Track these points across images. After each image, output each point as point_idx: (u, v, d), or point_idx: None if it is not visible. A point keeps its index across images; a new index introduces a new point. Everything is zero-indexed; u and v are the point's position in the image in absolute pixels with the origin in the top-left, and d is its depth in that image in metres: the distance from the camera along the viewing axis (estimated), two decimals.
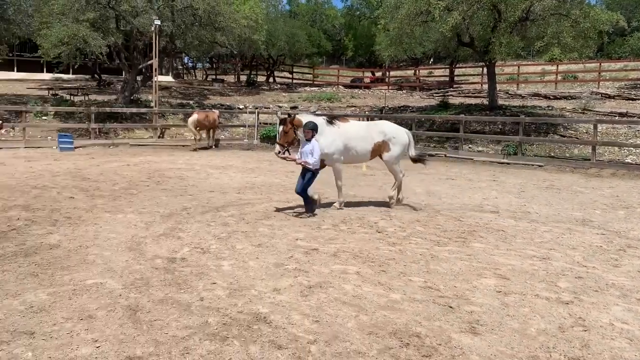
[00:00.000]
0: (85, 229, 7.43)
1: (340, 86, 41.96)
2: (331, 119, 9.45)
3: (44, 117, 22.59)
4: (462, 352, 3.90)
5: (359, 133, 9.57)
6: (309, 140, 8.66)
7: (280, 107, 30.37)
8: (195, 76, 52.08)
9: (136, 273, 5.53)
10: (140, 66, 26.20)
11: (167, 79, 41.92)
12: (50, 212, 8.39)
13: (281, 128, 8.80)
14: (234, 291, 5.06)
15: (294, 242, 6.99)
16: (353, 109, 31.29)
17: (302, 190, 8.80)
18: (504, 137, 21.20)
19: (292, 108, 30.61)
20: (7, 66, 36.25)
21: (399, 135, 9.97)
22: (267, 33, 33.74)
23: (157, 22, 22.33)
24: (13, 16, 23.77)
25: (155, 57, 23.35)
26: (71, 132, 20.68)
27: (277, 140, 8.94)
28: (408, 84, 41.31)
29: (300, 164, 8.75)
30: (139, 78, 27.17)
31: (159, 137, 23.08)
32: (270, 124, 25.09)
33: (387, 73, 43.69)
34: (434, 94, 34.24)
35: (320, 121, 9.10)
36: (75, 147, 19.23)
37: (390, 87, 40.54)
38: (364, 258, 6.34)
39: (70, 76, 37.57)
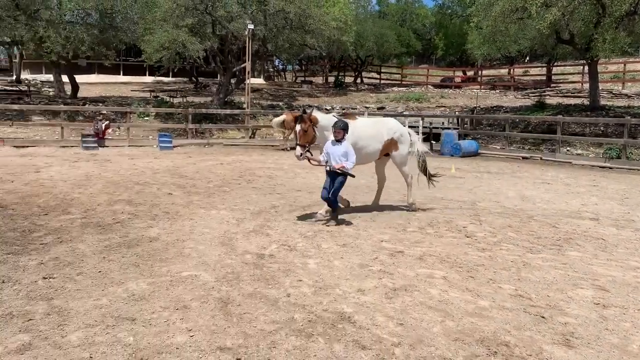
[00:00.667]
0: (182, 223, 7.87)
1: (430, 86, 41.23)
2: (342, 116, 8.79)
3: (146, 118, 24.14)
4: None
5: (367, 131, 8.83)
6: (339, 141, 7.92)
7: (367, 107, 30.37)
8: (285, 78, 53.33)
9: (228, 267, 5.78)
10: (234, 69, 27.24)
11: (259, 81, 43.27)
12: (150, 207, 8.96)
13: (299, 127, 7.87)
14: (319, 289, 5.14)
15: (378, 244, 6.98)
16: (442, 109, 30.64)
17: (333, 196, 7.97)
18: (606, 139, 19.87)
19: (379, 109, 30.51)
20: (115, 70, 39.15)
21: (405, 133, 9.49)
22: (355, 34, 33.86)
23: (251, 26, 23.10)
24: (121, 24, 25.59)
25: (248, 60, 24.19)
26: (170, 132, 21.93)
27: (297, 141, 7.92)
28: (501, 84, 39.79)
29: (339, 169, 7.84)
30: (232, 80, 28.28)
31: (250, 137, 23.89)
32: None
33: (479, 72, 42.34)
34: (530, 94, 32.70)
35: (331, 119, 8.38)
36: (174, 146, 20.37)
37: (482, 87, 39.28)
38: (452, 263, 6.20)
39: (170, 79, 39.87)
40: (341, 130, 7.88)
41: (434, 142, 22.76)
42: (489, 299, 5.00)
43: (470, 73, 44.96)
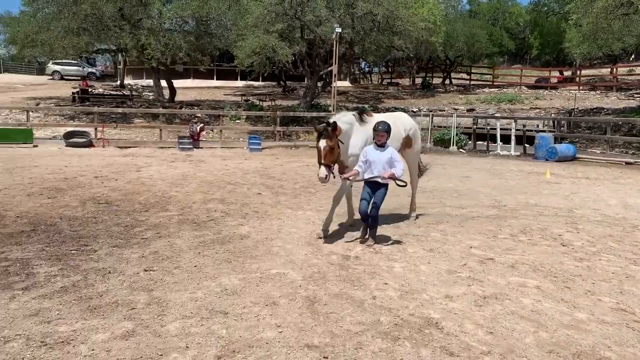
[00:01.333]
0: (270, 222, 8.10)
1: (523, 87, 39.55)
2: (360, 114, 7.31)
3: (237, 121, 25.08)
4: None
5: None
6: (382, 145, 6.77)
7: (455, 109, 29.65)
8: (371, 80, 53.25)
9: (314, 267, 5.88)
10: (321, 72, 27.60)
11: (345, 84, 43.55)
12: (241, 206, 9.30)
13: (324, 143, 6.41)
14: (405, 293, 5.10)
15: (467, 250, 6.80)
16: (537, 111, 29.24)
17: (375, 211, 6.76)
18: None
19: (468, 110, 29.68)
20: (209, 75, 40.99)
21: (417, 129, 8.72)
22: (445, 34, 33.18)
23: (338, 29, 23.30)
24: (215, 30, 26.79)
25: (335, 63, 24.41)
26: (259, 134, 22.62)
27: (321, 160, 6.44)
28: (602, 84, 37.33)
29: (389, 178, 6.61)
30: (319, 84, 28.67)
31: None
32: (445, 127, 24.58)
33: (578, 72, 39.98)
34: (635, 95, 30.45)
35: (351, 118, 7.15)
36: (262, 148, 20.99)
37: (581, 87, 37.05)
38: (546, 272, 5.92)
39: (260, 83, 41.17)
40: (384, 132, 6.70)
41: (527, 145, 21.77)
42: (586, 312, 4.72)
43: (567, 73, 42.56)
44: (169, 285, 5.14)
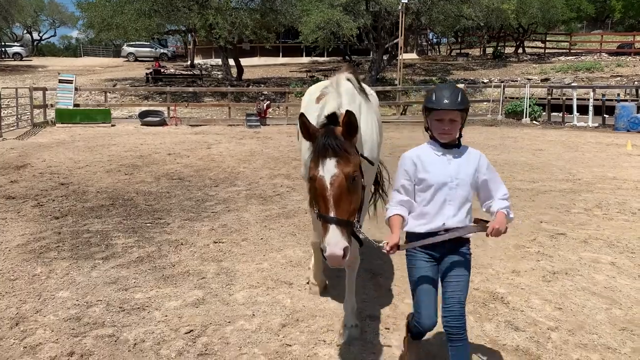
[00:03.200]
0: None
1: (604, 54, 37.12)
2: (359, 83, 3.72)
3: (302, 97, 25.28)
4: None
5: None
6: (451, 144, 2.93)
7: (529, 79, 28.35)
8: (439, 52, 51.78)
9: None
10: (387, 45, 27.17)
11: (412, 56, 42.61)
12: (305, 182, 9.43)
13: (333, 172, 2.69)
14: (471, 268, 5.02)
15: (537, 225, 6.57)
16: (618, 78, 27.48)
17: (461, 322, 2.82)
18: None
19: (542, 80, 28.32)
20: (274, 52, 41.34)
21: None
22: (517, 1, 31.57)
23: (404, 0, 22.77)
24: (280, 7, 26.92)
25: (401, 35, 23.91)
26: None
27: (330, 212, 2.66)
28: None
29: (494, 233, 2.80)
30: (385, 57, 28.24)
31: (401, 114, 23.75)
32: (517, 98, 23.58)
33: None
34: None
35: (350, 88, 3.44)
36: None
37: None
38: (622, 248, 5.64)
39: (325, 59, 41.04)
40: (457, 111, 2.84)
41: (607, 116, 20.53)
42: None
43: None
44: (237, 256, 5.32)
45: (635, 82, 25.01)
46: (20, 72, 35.60)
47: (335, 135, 2.71)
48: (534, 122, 21.80)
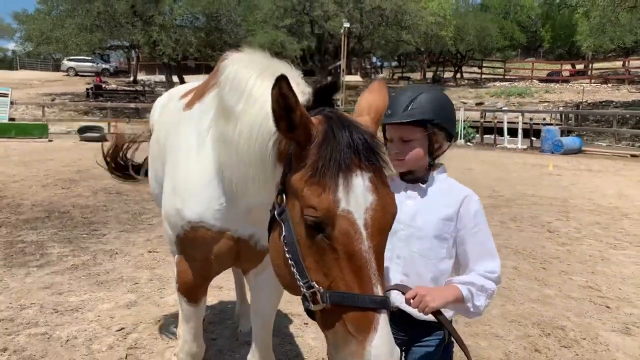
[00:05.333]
0: None
1: (535, 80, 39.48)
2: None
3: None
4: (607, 348, 3.80)
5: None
6: (414, 180, 2.04)
7: (464, 103, 29.80)
8: (382, 74, 53.41)
9: None
10: (330, 67, 27.99)
11: (356, 78, 43.80)
12: None
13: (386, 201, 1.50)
14: None
15: None
16: (546, 104, 29.35)
17: None
18: None
19: (477, 104, 29.83)
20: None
21: None
22: (455, 28, 33.36)
23: (347, 24, 23.67)
24: (225, 26, 27.34)
25: (343, 57, 24.77)
26: None
27: (376, 278, 1.42)
28: (615, 77, 37.11)
29: (434, 313, 1.81)
30: (328, 79, 29.08)
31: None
32: None
33: (590, 65, 39.79)
34: None
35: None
36: None
37: (592, 81, 36.90)
38: (526, 255, 6.26)
39: (302, 79, 41.55)
40: (418, 124, 1.96)
41: (534, 138, 21.95)
42: (555, 289, 5.06)
43: (580, 66, 42.36)
44: (170, 264, 5.53)
45: (560, 108, 26.83)
46: None
47: (357, 124, 1.54)
48: (468, 143, 22.97)
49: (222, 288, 4.89)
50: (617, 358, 3.67)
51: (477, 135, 23.50)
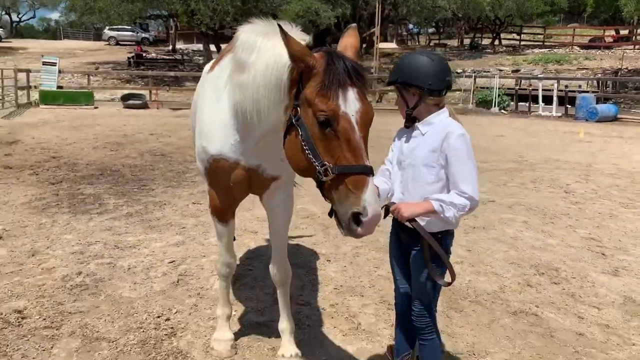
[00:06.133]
0: None
1: (576, 47, 38.45)
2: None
3: None
4: (593, 285, 4.30)
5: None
6: (412, 119, 2.59)
7: (501, 70, 29.52)
8: (418, 42, 52.80)
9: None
10: (364, 34, 28.07)
11: (391, 45, 43.54)
12: None
13: (362, 103, 2.18)
14: None
15: None
16: (584, 71, 28.79)
17: (423, 317, 2.67)
18: None
19: (513, 71, 29.49)
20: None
21: None
22: None
23: None
24: None
25: (377, 25, 24.85)
26: None
27: (365, 158, 2.14)
28: None
29: (410, 220, 2.45)
30: (363, 46, 29.18)
31: (377, 101, 24.74)
32: (488, 88, 24.69)
33: (634, 31, 38.45)
34: None
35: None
36: None
37: (637, 47, 35.73)
38: (538, 211, 6.71)
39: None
40: (395, 84, 2.58)
41: (569, 106, 21.78)
42: (558, 239, 5.54)
43: (624, 32, 40.96)
44: None
45: (598, 75, 26.33)
46: (0, 53, 35.71)
47: (347, 57, 2.19)
48: (502, 111, 22.96)
49: (257, 233, 5.56)
50: (599, 293, 4.17)
51: (512, 103, 23.43)
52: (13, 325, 3.42)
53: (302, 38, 2.29)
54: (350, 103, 2.09)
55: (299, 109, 2.20)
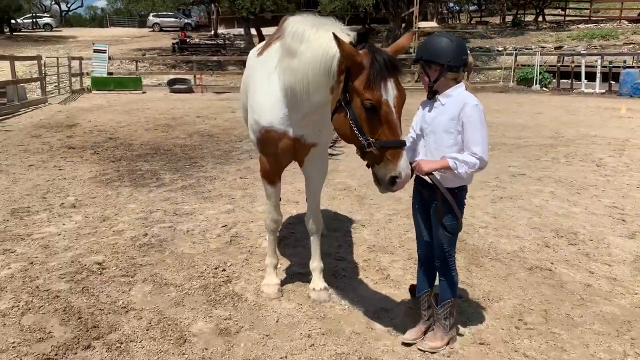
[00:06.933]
0: None
1: (624, 21, 37.14)
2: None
3: None
4: (608, 246, 4.65)
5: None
6: (434, 92, 3.04)
7: (543, 47, 28.98)
8: (459, 20, 51.96)
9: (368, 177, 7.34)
10: (403, 14, 28.06)
11: (432, 24, 43.02)
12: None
13: (397, 91, 2.76)
14: None
15: (505, 168, 7.93)
16: (631, 46, 27.93)
17: (445, 270, 3.18)
18: None
19: (556, 48, 28.93)
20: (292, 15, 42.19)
21: None
22: None
23: None
24: None
25: (416, 4, 24.85)
26: None
27: (398, 131, 2.74)
28: None
29: (428, 174, 2.96)
30: (403, 25, 29.16)
31: (416, 81, 24.83)
32: (529, 65, 24.40)
33: None
34: None
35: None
36: None
37: None
38: (566, 183, 6.99)
39: (345, 26, 41.83)
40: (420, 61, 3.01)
41: (613, 82, 21.37)
42: (582, 207, 5.86)
43: None
44: (258, 187, 6.81)
45: None
46: (53, 42, 37.30)
47: (385, 52, 2.75)
48: (544, 89, 22.72)
49: (298, 202, 6.10)
50: (613, 252, 4.52)
51: (554, 81, 23.13)
52: (96, 274, 4.07)
53: (347, 33, 2.84)
54: (389, 91, 2.66)
55: (347, 94, 2.75)
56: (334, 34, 2.66)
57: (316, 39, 2.88)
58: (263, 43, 4.17)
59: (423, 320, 3.25)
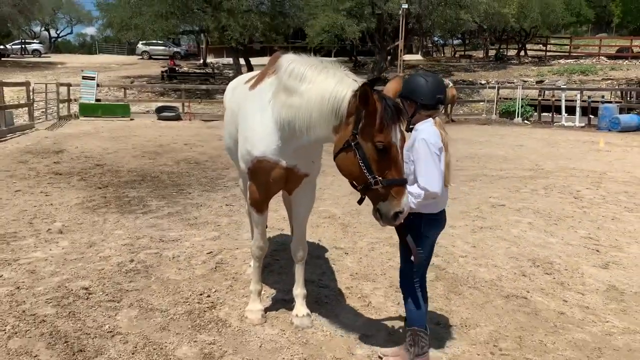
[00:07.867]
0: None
1: (603, 57, 38.32)
2: None
3: None
4: (581, 275, 4.82)
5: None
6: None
7: (524, 81, 29.73)
8: (444, 53, 53.17)
9: (353, 206, 7.47)
10: (389, 47, 28.73)
11: (416, 57, 44.09)
12: None
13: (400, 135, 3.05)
14: None
15: (485, 199, 8.14)
16: (609, 82, 28.79)
17: (407, 287, 3.41)
18: None
19: (538, 82, 29.69)
20: (283, 52, 42.86)
21: None
22: (518, 5, 33.03)
23: (405, 5, 24.33)
24: (288, 10, 28.63)
25: (401, 38, 25.47)
26: None
27: (401, 174, 3.03)
28: None
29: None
30: (388, 58, 29.82)
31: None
32: (511, 99, 25.02)
33: None
34: None
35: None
36: None
37: None
38: (544, 214, 7.20)
39: (332, 59, 42.62)
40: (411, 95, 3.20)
41: (592, 116, 21.96)
42: (558, 238, 6.05)
43: None
44: (243, 214, 6.92)
45: (622, 85, 26.39)
46: (41, 68, 37.40)
47: (392, 99, 3.00)
48: (526, 121, 23.25)
49: (283, 230, 6.22)
50: (587, 282, 4.69)
51: (535, 114, 23.71)
52: (82, 299, 4.14)
53: (354, 78, 3.11)
54: (396, 135, 2.93)
55: (357, 135, 2.96)
56: (366, 85, 2.87)
57: (321, 81, 3.09)
58: (249, 75, 4.33)
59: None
